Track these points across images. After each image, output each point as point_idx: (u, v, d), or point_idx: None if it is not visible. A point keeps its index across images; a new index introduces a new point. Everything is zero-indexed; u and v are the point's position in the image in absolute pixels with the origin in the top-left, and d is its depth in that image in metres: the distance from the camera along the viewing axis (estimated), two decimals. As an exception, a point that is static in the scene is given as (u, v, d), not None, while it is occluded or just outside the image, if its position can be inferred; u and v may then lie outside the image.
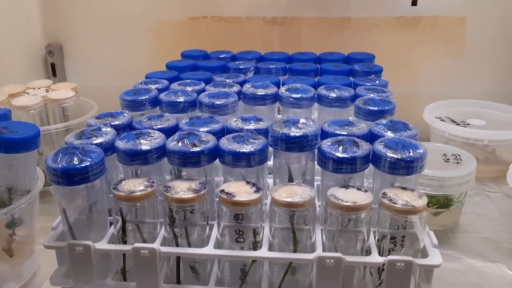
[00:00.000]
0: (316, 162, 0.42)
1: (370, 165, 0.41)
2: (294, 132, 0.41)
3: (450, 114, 0.76)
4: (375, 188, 0.43)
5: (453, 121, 0.73)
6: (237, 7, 0.81)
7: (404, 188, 0.40)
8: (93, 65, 0.88)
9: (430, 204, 0.56)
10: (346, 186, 0.40)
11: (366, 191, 0.39)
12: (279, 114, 0.60)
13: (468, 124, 0.72)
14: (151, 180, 0.40)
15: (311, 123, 0.43)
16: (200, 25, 0.83)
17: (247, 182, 0.40)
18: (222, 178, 0.44)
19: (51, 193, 0.64)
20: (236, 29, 0.82)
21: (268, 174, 0.47)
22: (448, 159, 0.58)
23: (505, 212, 0.61)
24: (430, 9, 0.78)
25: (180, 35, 0.84)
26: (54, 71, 0.88)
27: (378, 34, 0.80)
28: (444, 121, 0.73)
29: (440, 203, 0.56)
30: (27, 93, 0.66)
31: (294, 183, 0.41)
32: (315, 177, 0.45)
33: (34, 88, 0.68)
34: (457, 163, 0.57)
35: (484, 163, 0.71)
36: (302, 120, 0.43)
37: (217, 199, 0.40)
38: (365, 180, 0.44)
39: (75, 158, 0.38)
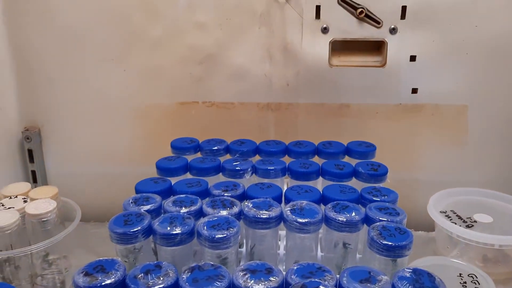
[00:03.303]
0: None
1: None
2: (315, 310, 0.36)
3: (455, 206, 0.72)
4: None
5: (459, 217, 0.70)
6: (229, 92, 0.77)
7: None
8: (74, 150, 0.82)
9: (448, 334, 0.52)
10: None
11: None
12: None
13: (475, 221, 0.69)
14: None
15: (332, 290, 0.38)
16: (190, 110, 0.78)
17: None
18: None
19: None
20: (228, 115, 0.78)
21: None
22: (465, 282, 0.54)
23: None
24: (430, 97, 0.75)
25: (170, 120, 0.79)
26: (31, 157, 0.81)
27: (377, 121, 0.77)
28: (449, 217, 0.70)
29: (460, 334, 0.52)
30: (2, 205, 0.60)
31: None
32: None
33: (10, 197, 0.62)
34: (475, 288, 0.53)
35: (494, 264, 0.67)
36: (321, 288, 0.38)
37: None
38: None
39: None
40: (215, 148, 0.70)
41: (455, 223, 0.68)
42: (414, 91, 0.75)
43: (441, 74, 0.74)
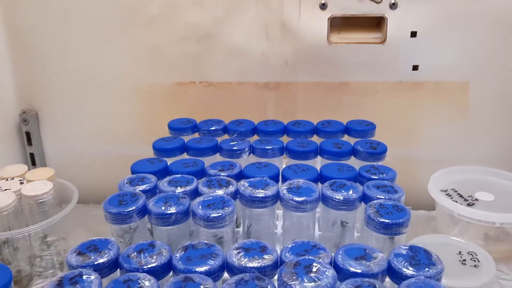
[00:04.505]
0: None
1: None
2: (308, 287, 0.35)
3: (456, 184, 0.72)
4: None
5: (460, 195, 0.69)
6: (227, 71, 0.76)
7: None
8: (72, 132, 0.82)
9: (447, 312, 0.51)
10: None
11: None
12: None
13: (476, 199, 0.68)
14: None
15: (326, 268, 0.37)
16: (188, 90, 0.78)
17: None
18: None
19: None
20: (226, 94, 0.77)
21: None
22: (465, 260, 0.53)
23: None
24: (431, 74, 0.74)
25: (167, 101, 0.78)
26: (29, 139, 0.81)
27: (377, 99, 0.76)
28: (450, 195, 0.69)
29: (458, 312, 0.51)
30: (-1, 186, 0.60)
31: None
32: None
33: (7, 179, 0.62)
34: (474, 266, 0.52)
35: (495, 242, 0.67)
36: (316, 266, 0.37)
37: None
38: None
39: None
40: (213, 128, 0.69)
41: (456, 202, 0.67)
42: (415, 68, 0.73)
43: (442, 50, 0.72)
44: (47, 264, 0.63)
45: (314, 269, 0.37)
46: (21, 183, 0.61)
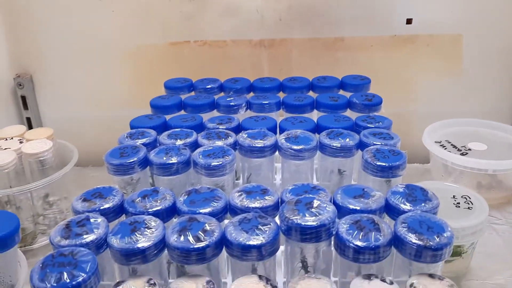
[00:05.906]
0: (333, 248, 0.39)
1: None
2: (310, 221, 0.37)
3: (450, 136, 0.73)
4: (396, 265, 0.39)
5: (454, 146, 0.70)
6: (221, 30, 0.76)
7: (432, 276, 0.36)
8: (68, 95, 0.82)
9: (442, 253, 0.53)
10: (369, 277, 0.36)
11: (392, 282, 0.36)
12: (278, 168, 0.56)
13: (469, 149, 0.70)
14: (152, 281, 0.36)
15: (327, 204, 0.39)
16: (183, 50, 0.77)
17: (260, 278, 0.36)
18: (228, 270, 0.40)
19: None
20: (221, 53, 0.77)
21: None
22: (459, 203, 0.55)
23: (514, 249, 0.59)
24: (425, 27, 0.74)
25: (162, 61, 0.78)
26: (25, 103, 0.81)
27: (372, 54, 0.76)
28: (444, 146, 0.70)
29: (452, 252, 0.53)
30: (-1, 146, 0.61)
31: (311, 275, 0.37)
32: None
33: (6, 139, 0.62)
34: (468, 208, 0.54)
35: (488, 190, 0.68)
36: (316, 202, 0.38)
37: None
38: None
39: (65, 274, 0.33)
40: (209, 86, 0.70)
41: (450, 152, 0.68)
42: (409, 21, 0.74)
43: (435, 3, 0.72)
44: (50, 222, 0.63)
45: (315, 205, 0.38)
46: (21, 142, 0.62)
